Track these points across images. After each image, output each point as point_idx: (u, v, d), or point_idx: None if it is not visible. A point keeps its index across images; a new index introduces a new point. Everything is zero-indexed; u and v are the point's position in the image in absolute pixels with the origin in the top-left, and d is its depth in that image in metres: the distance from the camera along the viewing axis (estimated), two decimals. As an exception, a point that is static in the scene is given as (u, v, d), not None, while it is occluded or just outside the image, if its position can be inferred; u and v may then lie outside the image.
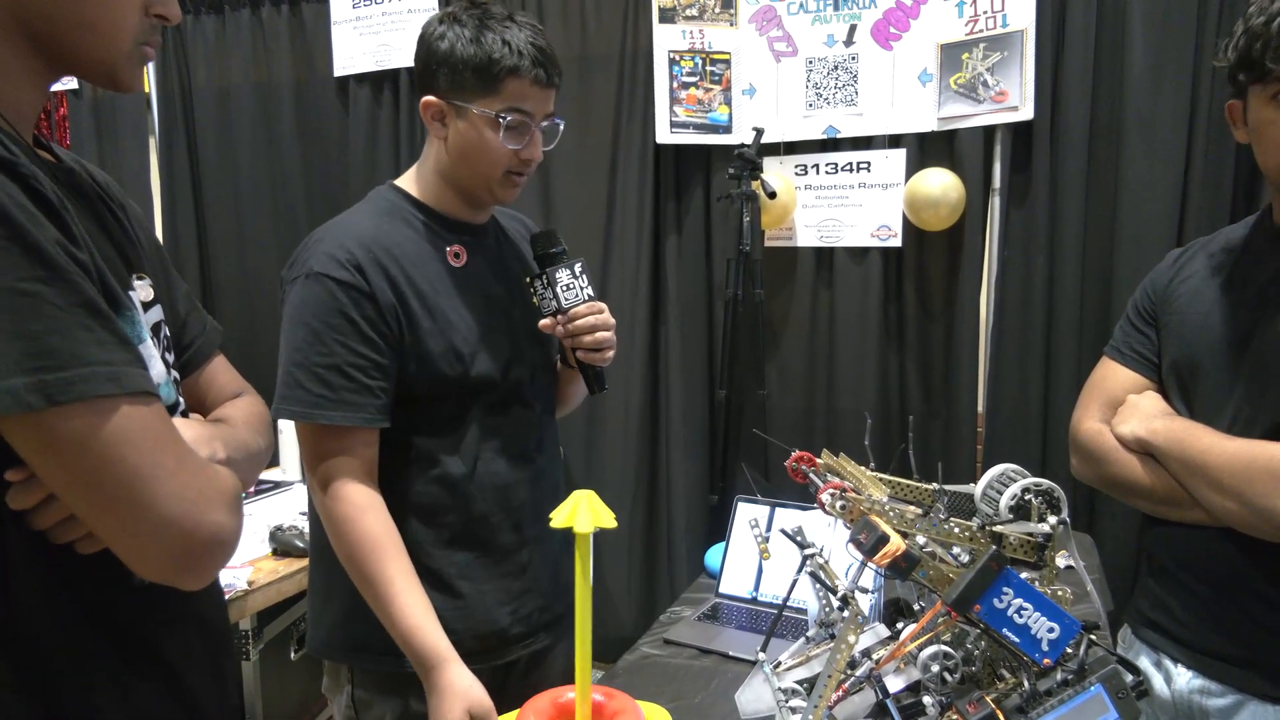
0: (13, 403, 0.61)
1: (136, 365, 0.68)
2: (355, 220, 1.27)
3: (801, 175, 2.74)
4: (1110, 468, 1.24)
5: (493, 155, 1.24)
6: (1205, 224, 2.34)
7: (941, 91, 2.55)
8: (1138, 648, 1.28)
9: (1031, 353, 2.54)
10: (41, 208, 0.65)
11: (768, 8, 2.71)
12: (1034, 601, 0.84)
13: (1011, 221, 2.55)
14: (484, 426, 1.30)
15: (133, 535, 0.68)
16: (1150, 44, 2.35)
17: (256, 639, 2.04)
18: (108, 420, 0.65)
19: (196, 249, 3.38)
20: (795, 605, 1.60)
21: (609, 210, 2.90)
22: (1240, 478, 1.06)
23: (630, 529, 2.93)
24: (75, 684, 0.73)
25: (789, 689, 1.00)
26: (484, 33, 1.19)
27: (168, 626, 0.81)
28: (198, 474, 0.72)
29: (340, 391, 1.17)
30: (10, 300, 0.61)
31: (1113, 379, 1.31)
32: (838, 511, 0.94)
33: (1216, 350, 1.16)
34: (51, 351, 0.62)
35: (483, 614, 1.29)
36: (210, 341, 0.99)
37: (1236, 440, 1.09)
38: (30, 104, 0.75)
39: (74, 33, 0.72)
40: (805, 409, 2.82)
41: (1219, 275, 1.20)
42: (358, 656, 1.30)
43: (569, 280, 1.28)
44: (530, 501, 1.35)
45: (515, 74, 1.19)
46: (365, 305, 1.19)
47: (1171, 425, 1.17)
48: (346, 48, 3.10)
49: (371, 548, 1.18)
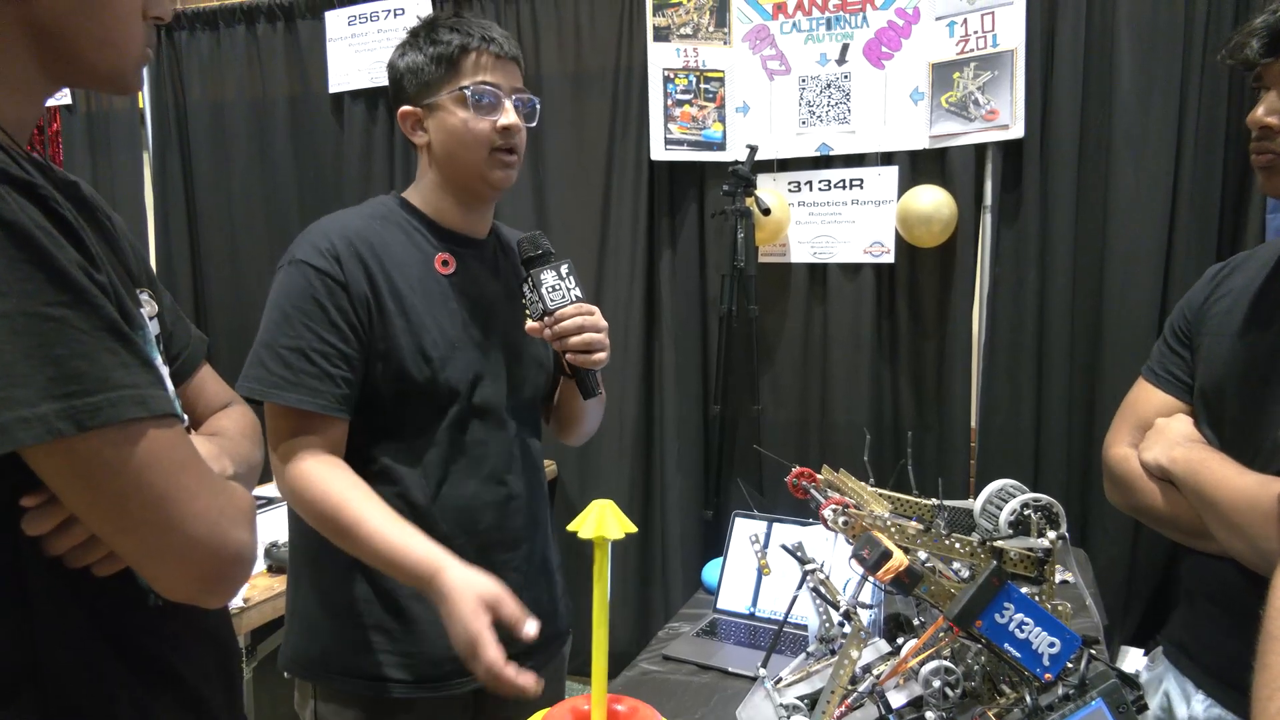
0: (44, 431, 0.60)
1: (159, 387, 0.68)
2: (347, 217, 1.30)
3: (795, 192, 2.76)
4: (1135, 496, 1.20)
5: (471, 135, 1.25)
6: (1194, 240, 2.37)
7: (933, 110, 2.58)
8: (1166, 668, 1.24)
9: (1023, 368, 2.56)
10: (60, 229, 0.65)
11: (761, 27, 2.74)
12: (1035, 616, 0.85)
13: (1003, 238, 2.58)
14: (451, 443, 1.27)
15: (160, 556, 0.68)
16: (1138, 63, 2.39)
17: (250, 656, 2.02)
18: (136, 444, 0.65)
19: (190, 264, 3.38)
20: (794, 621, 1.60)
21: (604, 227, 2.92)
22: (1246, 516, 1.02)
23: (625, 544, 2.93)
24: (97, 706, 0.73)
25: (790, 705, 1.00)
26: (434, 31, 1.27)
27: (183, 644, 0.81)
28: (219, 494, 0.72)
29: (301, 375, 1.18)
30: (36, 325, 0.60)
31: (1144, 401, 1.27)
32: (840, 527, 0.94)
33: (1245, 375, 1.12)
34: (79, 376, 0.62)
35: (438, 638, 1.20)
36: (197, 352, 0.99)
37: (1249, 475, 1.05)
38: (29, 119, 0.75)
39: (93, 50, 0.73)
40: (799, 424, 2.83)
41: (1253, 294, 1.15)
42: (317, 674, 1.29)
43: (555, 282, 1.26)
44: (496, 526, 1.31)
45: (467, 51, 1.25)
46: (338, 293, 1.20)
47: (1190, 454, 1.12)
48: (341, 64, 3.11)
49: (337, 499, 1.17)
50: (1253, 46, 1.03)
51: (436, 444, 1.27)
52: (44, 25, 0.70)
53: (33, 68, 0.72)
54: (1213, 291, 1.22)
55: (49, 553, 0.69)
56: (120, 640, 0.74)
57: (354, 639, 1.26)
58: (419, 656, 1.26)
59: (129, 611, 0.75)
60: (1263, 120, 1.05)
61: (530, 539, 1.36)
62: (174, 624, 0.79)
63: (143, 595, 0.73)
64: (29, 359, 0.60)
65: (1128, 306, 2.44)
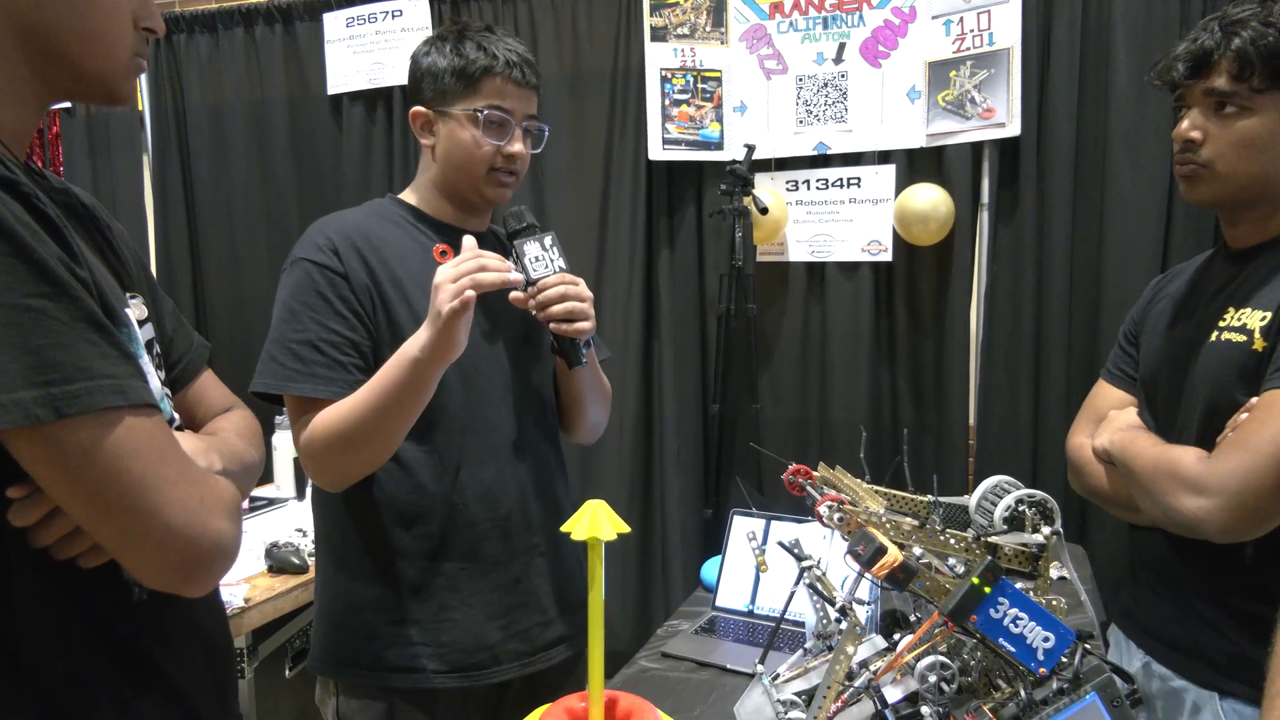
0: (21, 415, 0.62)
1: (138, 378, 0.70)
2: (345, 215, 1.34)
3: (792, 191, 2.77)
4: (1086, 478, 1.36)
5: (476, 153, 1.29)
6: (1191, 237, 2.38)
7: (930, 108, 2.58)
8: (1116, 636, 1.39)
9: (1021, 365, 2.57)
10: (43, 225, 0.66)
11: (758, 26, 2.74)
12: (1029, 611, 0.86)
13: (1000, 236, 2.58)
14: (464, 429, 1.29)
15: (138, 544, 0.69)
16: (1134, 61, 2.39)
17: (252, 656, 2.03)
18: (112, 431, 0.66)
19: (190, 267, 3.38)
20: (792, 617, 1.61)
21: (602, 226, 2.92)
22: (1150, 478, 1.16)
23: (624, 542, 2.93)
24: (76, 699, 0.73)
25: (788, 700, 1.01)
26: (462, 42, 1.30)
27: (168, 641, 0.81)
28: (199, 484, 0.73)
29: (312, 365, 1.22)
30: (16, 315, 0.62)
31: (1101, 397, 1.44)
32: (835, 524, 0.95)
33: (1170, 364, 1.27)
34: (57, 365, 0.63)
35: (470, 627, 1.28)
36: (199, 357, 1.00)
37: (1157, 446, 1.20)
38: (26, 127, 0.76)
39: (78, 46, 0.74)
40: (798, 422, 2.83)
41: (1180, 296, 1.32)
42: (344, 670, 1.31)
43: (538, 253, 1.29)
44: (518, 507, 1.33)
45: (490, 73, 1.28)
46: (339, 284, 1.24)
47: (1123, 436, 1.27)
48: (340, 66, 3.12)
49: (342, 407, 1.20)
50: (1178, 69, 1.19)
51: (448, 429, 1.29)
52: (32, 23, 0.72)
53: (26, 72, 0.73)
54: (1154, 297, 1.40)
55: (35, 544, 0.70)
56: (103, 634, 0.75)
57: (384, 633, 1.27)
58: (452, 646, 1.28)
59: (113, 605, 0.76)
60: (1187, 134, 1.19)
61: (555, 520, 1.38)
62: (160, 620, 0.79)
63: (127, 589, 0.74)
64: (8, 348, 0.62)
65: (1124, 304, 2.43)
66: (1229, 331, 1.16)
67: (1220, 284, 1.24)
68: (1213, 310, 1.22)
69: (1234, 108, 1.15)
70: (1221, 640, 1.17)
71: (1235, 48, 1.13)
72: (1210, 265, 1.31)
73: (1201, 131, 1.18)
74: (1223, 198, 1.21)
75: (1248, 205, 1.20)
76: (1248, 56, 1.12)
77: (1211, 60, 1.15)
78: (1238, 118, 1.15)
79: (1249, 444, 1.06)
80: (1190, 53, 1.17)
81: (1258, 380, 1.10)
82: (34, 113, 0.77)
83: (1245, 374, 1.12)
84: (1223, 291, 1.23)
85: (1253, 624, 1.12)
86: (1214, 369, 1.17)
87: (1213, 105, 1.17)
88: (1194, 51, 1.17)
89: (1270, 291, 1.14)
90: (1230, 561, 1.14)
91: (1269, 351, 1.10)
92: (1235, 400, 1.12)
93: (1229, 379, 1.14)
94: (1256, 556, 1.13)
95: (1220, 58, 1.14)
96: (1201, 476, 1.08)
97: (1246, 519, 1.06)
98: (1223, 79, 1.15)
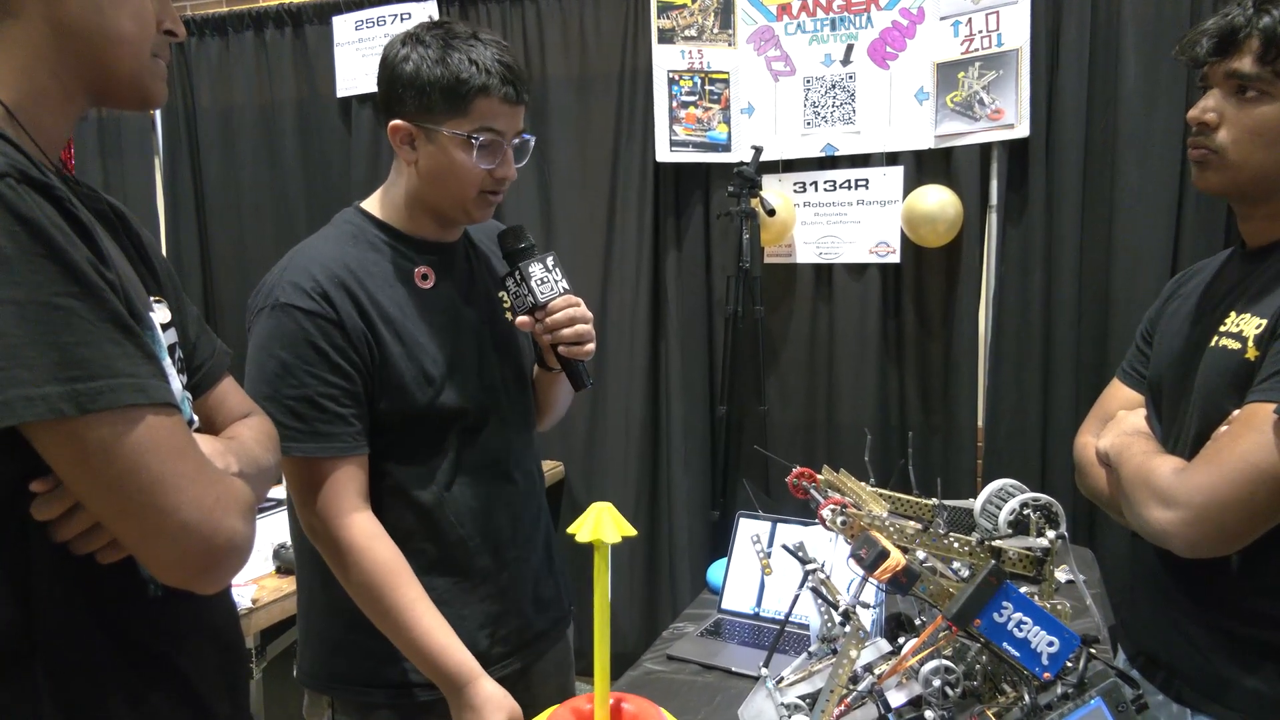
0: (46, 409, 0.64)
1: (160, 378, 0.71)
2: (320, 247, 1.25)
3: (800, 193, 2.76)
4: (1087, 479, 1.33)
5: (466, 176, 1.21)
6: (1200, 238, 2.36)
7: (938, 110, 2.58)
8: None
9: (1030, 367, 2.56)
10: (74, 228, 0.68)
11: (765, 28, 2.74)
12: (1033, 615, 0.85)
13: (1008, 237, 2.58)
14: (459, 450, 1.28)
15: (154, 539, 0.71)
16: (1143, 61, 2.39)
17: (260, 657, 2.04)
18: (134, 428, 0.68)
19: (200, 268, 3.41)
20: (797, 621, 1.60)
21: (609, 228, 2.93)
22: (1130, 486, 1.14)
23: (631, 545, 2.93)
24: (91, 693, 0.74)
25: (792, 704, 1.01)
26: (450, 53, 1.16)
27: (182, 639, 0.83)
28: (215, 483, 0.75)
29: (313, 423, 1.16)
30: (45, 313, 0.64)
31: (1111, 396, 1.39)
32: (838, 527, 0.95)
33: (1174, 369, 1.23)
34: (83, 362, 0.65)
35: (463, 639, 1.24)
36: (220, 364, 1.01)
37: (1144, 454, 1.17)
38: (60, 132, 0.79)
39: (108, 47, 0.76)
40: (805, 424, 2.83)
41: (1196, 296, 1.27)
42: (337, 688, 1.30)
43: (543, 274, 1.25)
44: (509, 524, 1.33)
45: (484, 93, 1.17)
46: (334, 334, 1.17)
47: (1122, 440, 1.23)
48: (349, 68, 3.13)
49: (386, 576, 1.17)
50: (1203, 45, 1.12)
51: (446, 452, 1.27)
52: (66, 24, 0.74)
53: (62, 76, 0.76)
54: (1171, 295, 1.34)
55: (55, 538, 0.72)
56: (118, 629, 0.77)
57: (377, 650, 1.24)
58: None
59: (129, 602, 0.78)
60: (1200, 116, 1.12)
61: (538, 531, 1.38)
62: (175, 618, 0.81)
63: (143, 585, 0.75)
64: (36, 344, 0.64)
65: (1134, 305, 2.42)
66: (1226, 338, 1.12)
67: (1231, 284, 1.20)
68: (1218, 313, 1.17)
69: (1255, 92, 1.08)
70: (1200, 659, 1.13)
71: (1264, 26, 1.05)
72: (1227, 264, 1.25)
73: (1218, 114, 1.11)
74: (1234, 188, 1.14)
75: (1262, 199, 1.14)
76: (1276, 36, 1.04)
77: (1238, 38, 1.08)
78: (1258, 103, 1.08)
79: (1219, 458, 1.02)
80: (1219, 28, 1.10)
81: (1248, 390, 1.05)
82: (69, 119, 0.79)
83: (1237, 383, 1.07)
84: (1231, 293, 1.18)
85: (1233, 646, 1.09)
86: (1211, 377, 1.12)
87: (1234, 88, 1.10)
88: (1223, 27, 1.10)
89: (1272, 298, 1.10)
90: (1215, 578, 1.11)
91: (1259, 361, 1.06)
92: (1225, 410, 1.08)
93: (1221, 388, 1.10)
94: (1241, 574, 1.09)
95: (1248, 36, 1.07)
96: (1171, 489, 1.05)
97: (1211, 534, 1.02)
98: (1247, 60, 1.07)
